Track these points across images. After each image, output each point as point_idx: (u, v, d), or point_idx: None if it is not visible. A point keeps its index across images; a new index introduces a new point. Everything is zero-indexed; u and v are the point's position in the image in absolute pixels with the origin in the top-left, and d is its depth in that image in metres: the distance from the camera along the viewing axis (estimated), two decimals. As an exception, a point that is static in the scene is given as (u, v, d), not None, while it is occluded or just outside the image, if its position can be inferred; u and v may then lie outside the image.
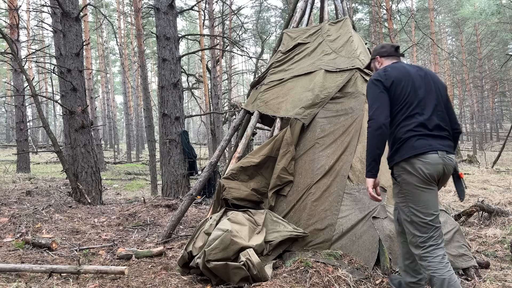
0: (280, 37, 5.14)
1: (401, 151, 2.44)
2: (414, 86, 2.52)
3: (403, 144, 2.44)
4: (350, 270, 3.21)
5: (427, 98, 2.51)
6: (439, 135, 2.46)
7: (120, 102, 50.01)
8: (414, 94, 2.50)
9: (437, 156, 2.39)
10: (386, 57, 2.79)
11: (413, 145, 2.41)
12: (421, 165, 2.39)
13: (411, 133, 2.43)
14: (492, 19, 26.47)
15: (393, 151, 2.51)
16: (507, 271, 3.37)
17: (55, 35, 10.69)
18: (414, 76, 2.56)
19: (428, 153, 2.39)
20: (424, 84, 2.55)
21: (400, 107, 2.49)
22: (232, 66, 25.97)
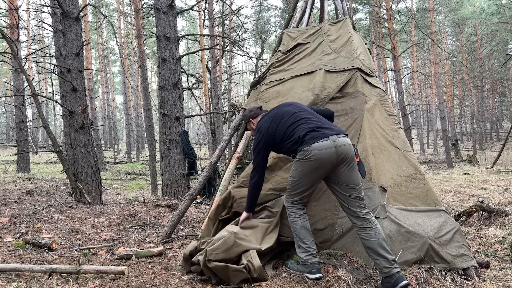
0: (280, 37, 5.14)
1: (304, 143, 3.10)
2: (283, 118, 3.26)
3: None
4: (350, 270, 3.21)
5: (303, 111, 3.26)
6: (327, 126, 3.14)
7: (120, 102, 50.03)
8: (291, 117, 3.23)
9: (329, 141, 2.96)
10: (255, 118, 3.54)
11: (311, 136, 3.05)
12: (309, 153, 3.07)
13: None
14: (492, 19, 26.48)
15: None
16: (507, 271, 3.37)
17: (55, 35, 10.69)
18: (279, 113, 3.31)
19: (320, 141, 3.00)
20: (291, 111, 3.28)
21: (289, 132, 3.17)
22: (232, 66, 25.97)
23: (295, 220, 3.12)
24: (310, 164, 2.96)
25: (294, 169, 3.10)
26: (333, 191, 3.11)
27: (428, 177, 7.70)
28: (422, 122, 41.80)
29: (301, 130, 3.07)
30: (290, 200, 3.18)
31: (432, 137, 35.41)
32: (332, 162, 2.93)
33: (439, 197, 6.18)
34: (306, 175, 3.02)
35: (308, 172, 3.00)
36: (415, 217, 3.51)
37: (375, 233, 2.92)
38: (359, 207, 2.98)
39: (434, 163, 16.28)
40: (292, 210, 3.15)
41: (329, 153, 2.90)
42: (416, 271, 3.17)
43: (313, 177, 3.03)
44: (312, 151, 2.92)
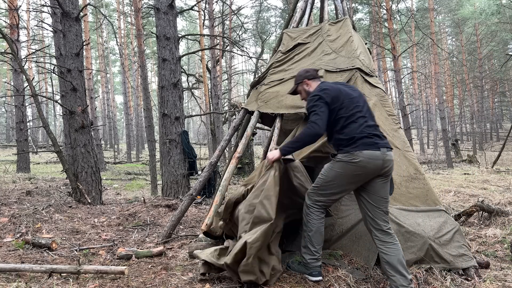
0: (280, 37, 5.14)
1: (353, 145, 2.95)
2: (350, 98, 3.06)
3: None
4: (350, 270, 3.21)
5: (364, 106, 3.10)
6: (379, 134, 3.02)
7: (120, 102, 50.03)
8: (353, 105, 3.03)
9: (379, 153, 2.88)
10: (312, 80, 3.31)
11: (363, 142, 2.91)
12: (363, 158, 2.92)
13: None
14: (492, 19, 26.48)
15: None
16: (507, 271, 3.37)
17: (55, 35, 10.69)
18: (347, 91, 3.11)
19: (370, 150, 2.90)
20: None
21: (346, 116, 2.99)
22: (232, 66, 25.97)
23: (312, 222, 3.01)
24: (353, 169, 2.86)
25: (331, 169, 2.96)
26: (361, 200, 3.00)
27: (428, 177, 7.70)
28: (422, 122, 41.80)
29: (356, 128, 2.93)
30: (314, 198, 3.04)
31: (432, 137, 35.41)
32: (374, 173, 2.87)
33: (439, 197, 6.18)
34: (343, 179, 2.92)
35: (347, 176, 2.90)
36: (415, 217, 3.52)
37: (396, 249, 2.86)
38: (384, 221, 2.93)
39: (434, 163, 16.28)
40: (313, 211, 3.03)
41: (376, 165, 2.84)
42: (416, 271, 3.17)
43: (350, 183, 2.94)
44: (360, 158, 2.83)
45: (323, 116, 2.95)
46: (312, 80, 3.30)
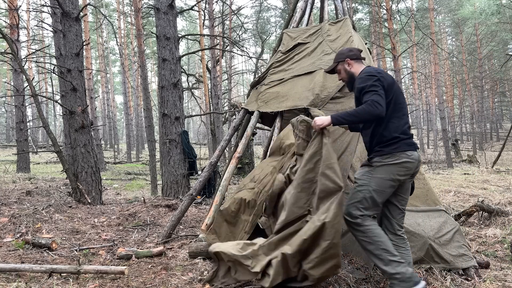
0: (280, 37, 5.14)
1: (394, 145, 2.74)
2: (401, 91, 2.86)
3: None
4: (350, 270, 3.21)
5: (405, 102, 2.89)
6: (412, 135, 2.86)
7: (120, 102, 50.01)
8: (402, 99, 2.83)
9: (417, 154, 2.77)
10: (355, 60, 3.00)
11: (405, 143, 2.74)
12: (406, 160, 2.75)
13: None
14: (492, 19, 26.48)
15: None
16: (507, 271, 3.37)
17: (55, 35, 10.69)
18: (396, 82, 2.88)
19: (412, 150, 2.76)
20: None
21: (393, 109, 2.76)
22: (232, 66, 25.97)
23: (376, 232, 2.66)
24: (397, 170, 2.68)
25: (374, 176, 2.70)
26: (386, 202, 2.84)
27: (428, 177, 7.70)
28: (422, 122, 41.80)
29: (402, 125, 2.75)
30: (363, 212, 2.70)
31: (432, 137, 35.41)
32: (409, 174, 2.76)
33: (439, 197, 6.18)
34: (391, 184, 2.70)
35: (391, 180, 2.69)
36: (415, 217, 3.51)
37: (407, 254, 2.82)
38: (399, 225, 2.88)
39: (434, 163, 16.28)
40: (369, 223, 2.69)
41: (414, 166, 2.74)
42: (416, 271, 3.17)
43: (392, 186, 2.72)
44: (404, 159, 2.68)
45: (384, 100, 2.64)
46: (355, 60, 2.99)
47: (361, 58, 3.03)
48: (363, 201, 2.69)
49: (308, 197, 2.76)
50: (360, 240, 2.73)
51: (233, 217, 3.55)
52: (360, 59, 3.02)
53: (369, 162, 2.76)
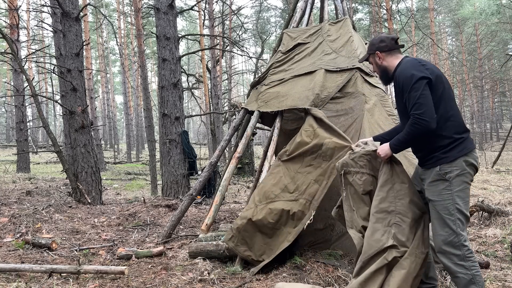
0: (280, 37, 5.14)
1: (459, 148, 2.39)
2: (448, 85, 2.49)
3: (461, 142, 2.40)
4: (350, 270, 3.21)
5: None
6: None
7: (120, 102, 49.99)
8: (453, 94, 2.49)
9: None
10: (387, 52, 2.63)
11: (468, 141, 2.42)
12: (474, 161, 2.41)
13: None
14: (492, 19, 26.47)
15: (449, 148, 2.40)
16: (507, 271, 3.37)
17: (55, 35, 10.69)
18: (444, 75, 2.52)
19: (475, 148, 2.44)
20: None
21: (447, 107, 2.41)
22: (232, 66, 25.97)
23: (479, 272, 2.32)
24: (470, 177, 2.39)
25: (452, 192, 2.34)
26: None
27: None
28: (422, 122, 41.66)
29: (456, 126, 2.38)
30: (462, 238, 2.32)
31: (432, 137, 35.31)
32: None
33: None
34: (466, 193, 2.38)
35: (467, 188, 2.39)
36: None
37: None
38: None
39: (434, 163, 16.21)
40: (470, 252, 2.33)
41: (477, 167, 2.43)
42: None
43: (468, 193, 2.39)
44: (473, 160, 2.38)
45: (430, 103, 2.29)
46: (386, 53, 2.61)
47: (396, 47, 2.61)
48: (457, 222, 2.32)
49: (385, 229, 2.50)
50: (459, 281, 2.33)
51: (270, 228, 3.41)
52: (394, 49, 2.60)
53: (442, 176, 2.37)
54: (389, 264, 2.42)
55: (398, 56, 2.62)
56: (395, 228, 2.48)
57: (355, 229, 2.68)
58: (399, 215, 2.50)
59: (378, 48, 2.63)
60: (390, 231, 2.48)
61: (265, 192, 3.55)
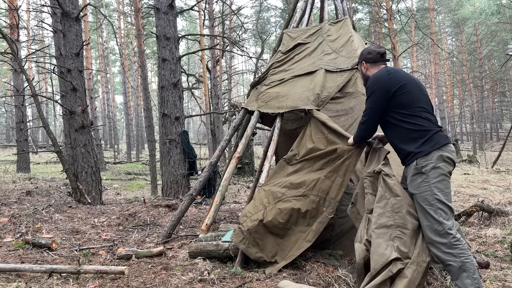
0: (280, 37, 5.14)
1: (431, 142, 2.59)
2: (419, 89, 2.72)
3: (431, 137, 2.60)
4: (350, 270, 3.21)
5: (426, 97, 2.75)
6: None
7: (120, 102, 50.01)
8: (421, 95, 2.71)
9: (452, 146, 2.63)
10: (371, 64, 2.91)
11: (441, 135, 2.61)
12: (449, 154, 2.58)
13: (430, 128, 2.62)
14: (492, 19, 26.47)
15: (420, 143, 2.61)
16: (507, 271, 3.37)
17: (55, 35, 10.69)
18: (414, 79, 2.76)
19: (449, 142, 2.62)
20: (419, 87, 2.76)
21: (413, 107, 2.66)
22: (232, 66, 25.97)
23: (469, 258, 2.45)
24: (446, 168, 2.55)
25: (430, 184, 2.53)
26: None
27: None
28: (422, 122, 41.64)
29: (430, 125, 2.61)
30: (445, 227, 2.48)
31: (432, 137, 35.27)
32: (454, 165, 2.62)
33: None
34: (446, 185, 2.57)
35: (446, 179, 2.58)
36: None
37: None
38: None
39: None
40: (458, 239, 2.48)
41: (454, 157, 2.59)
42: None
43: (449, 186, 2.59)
44: (448, 154, 2.55)
45: (374, 116, 2.73)
46: (371, 64, 2.92)
47: (380, 61, 2.90)
48: (440, 212, 2.49)
49: (387, 243, 2.57)
50: (450, 269, 2.48)
51: (281, 229, 3.40)
52: (377, 62, 2.89)
53: (419, 169, 2.57)
54: (393, 277, 2.47)
55: (378, 68, 2.88)
56: (397, 241, 2.56)
57: (359, 241, 2.79)
58: (399, 228, 2.59)
59: (365, 59, 2.94)
60: (393, 245, 2.55)
61: (273, 193, 3.53)
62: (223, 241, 3.73)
